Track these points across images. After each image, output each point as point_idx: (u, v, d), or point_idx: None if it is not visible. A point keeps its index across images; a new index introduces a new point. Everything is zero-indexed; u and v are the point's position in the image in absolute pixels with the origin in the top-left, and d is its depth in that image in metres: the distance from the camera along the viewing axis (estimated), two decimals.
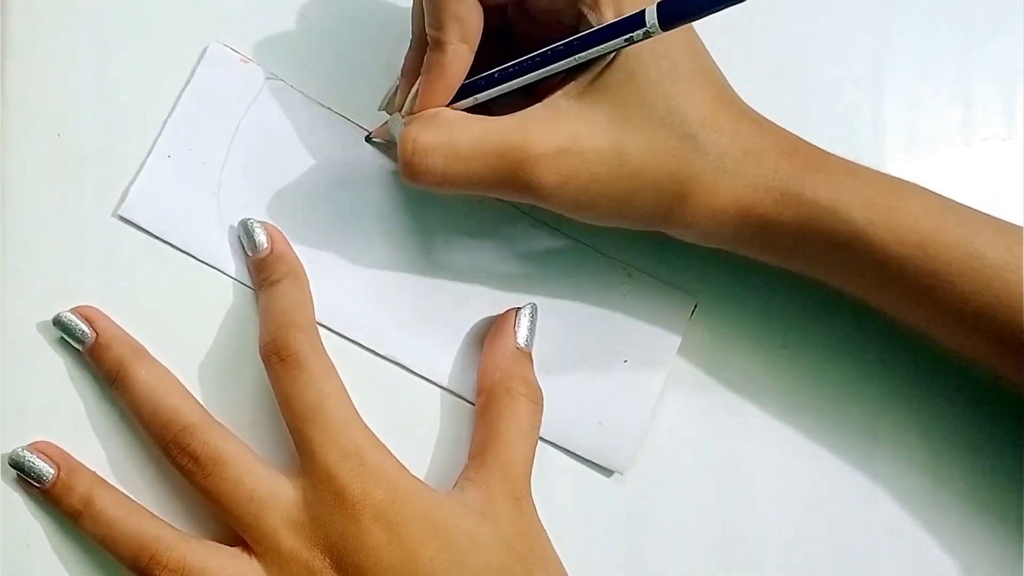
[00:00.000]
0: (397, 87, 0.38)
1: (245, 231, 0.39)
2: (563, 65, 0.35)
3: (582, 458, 0.40)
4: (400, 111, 0.38)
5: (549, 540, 0.37)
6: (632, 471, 0.41)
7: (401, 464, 0.36)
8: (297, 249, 0.39)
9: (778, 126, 0.37)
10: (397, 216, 0.40)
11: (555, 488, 0.39)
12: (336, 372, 0.37)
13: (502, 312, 0.40)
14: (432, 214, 0.41)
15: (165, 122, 0.39)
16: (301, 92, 0.40)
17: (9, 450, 0.37)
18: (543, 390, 0.39)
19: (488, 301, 0.41)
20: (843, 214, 0.35)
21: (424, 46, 0.37)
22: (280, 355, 0.36)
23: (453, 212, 0.41)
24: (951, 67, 0.45)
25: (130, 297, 0.39)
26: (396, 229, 0.40)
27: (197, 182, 0.39)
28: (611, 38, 0.34)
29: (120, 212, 0.39)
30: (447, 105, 0.37)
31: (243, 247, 0.39)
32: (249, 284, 0.39)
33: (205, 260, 0.39)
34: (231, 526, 0.36)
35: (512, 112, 0.36)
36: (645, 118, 0.35)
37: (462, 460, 0.39)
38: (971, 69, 0.45)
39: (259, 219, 0.39)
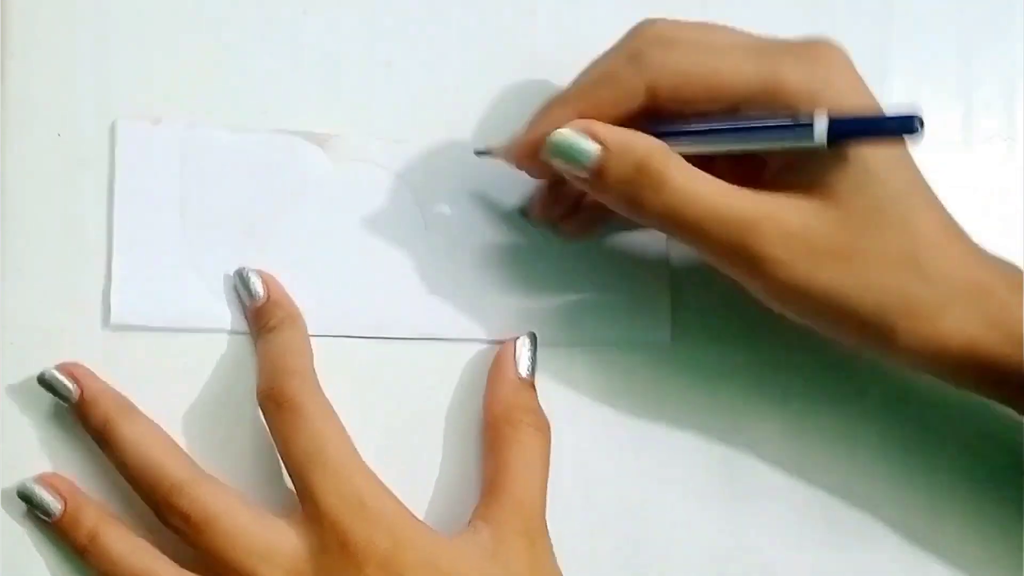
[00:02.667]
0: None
1: (241, 280, 0.39)
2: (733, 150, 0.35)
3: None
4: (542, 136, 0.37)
5: None
6: (632, 471, 0.41)
7: (405, 508, 0.36)
8: (290, 269, 0.39)
9: (1004, 259, 0.36)
10: (368, 204, 0.40)
11: (555, 488, 0.39)
12: (335, 416, 0.36)
13: (501, 346, 0.40)
14: (404, 191, 0.41)
15: (110, 217, 0.39)
16: (222, 127, 0.40)
17: (12, 446, 0.37)
18: (564, 306, 0.39)
19: (481, 256, 0.41)
20: None
21: (567, 107, 0.36)
22: (277, 401, 0.35)
23: (426, 184, 0.41)
24: (951, 67, 0.45)
25: None
26: (372, 217, 0.40)
27: (169, 260, 0.39)
28: (779, 138, 0.34)
29: (112, 324, 0.38)
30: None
31: (239, 297, 0.39)
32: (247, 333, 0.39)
33: (210, 328, 0.39)
34: None
35: None
36: (879, 227, 0.34)
37: (475, 456, 0.39)
38: (971, 69, 0.45)
39: (253, 268, 0.39)
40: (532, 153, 0.37)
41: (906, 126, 0.33)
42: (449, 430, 0.40)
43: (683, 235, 0.36)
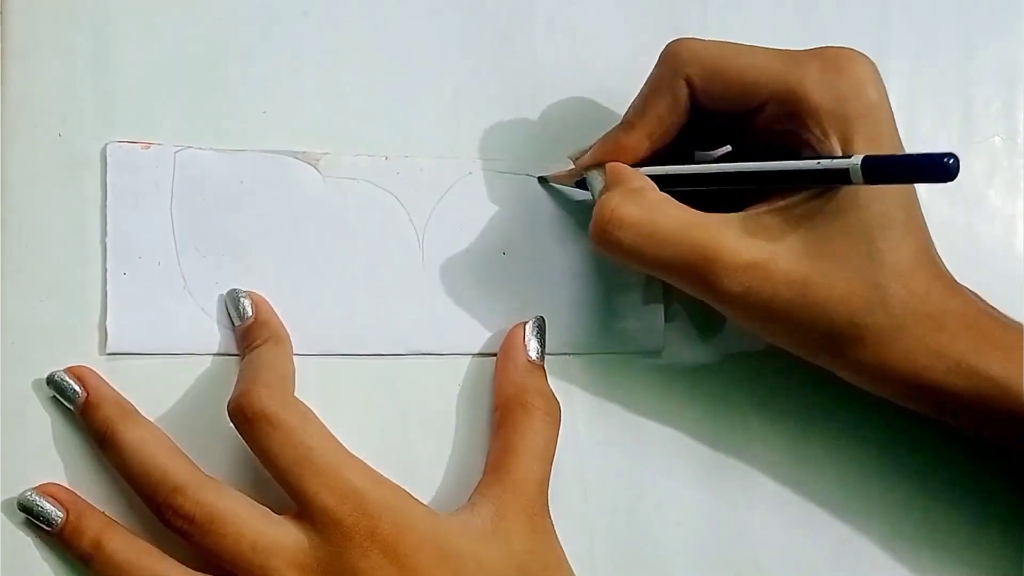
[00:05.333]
0: (591, 146, 0.39)
1: (231, 301, 0.39)
2: (758, 184, 0.36)
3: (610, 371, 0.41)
4: (586, 165, 0.39)
5: (564, 557, 0.37)
6: (631, 472, 0.41)
7: (403, 491, 0.36)
8: (284, 289, 0.39)
9: (968, 292, 0.37)
10: (361, 222, 0.40)
11: (555, 488, 0.39)
12: (314, 417, 0.36)
13: (510, 328, 0.40)
14: (397, 208, 0.41)
15: (103, 243, 0.39)
16: (212, 149, 0.40)
17: (14, 466, 0.37)
18: (559, 316, 0.40)
19: (477, 272, 0.41)
20: (1017, 392, 0.35)
21: (632, 131, 0.38)
22: (246, 415, 0.35)
23: (419, 201, 0.41)
24: (951, 67, 0.45)
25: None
26: (366, 236, 0.40)
27: (162, 284, 0.39)
28: (815, 180, 0.35)
29: (108, 350, 0.38)
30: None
31: (230, 317, 0.39)
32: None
33: (204, 352, 0.39)
34: None
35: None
36: (842, 258, 0.35)
37: (474, 470, 0.39)
38: (971, 69, 0.45)
39: (244, 289, 0.39)
40: None
41: (943, 171, 0.32)
42: (445, 445, 0.40)
43: (649, 270, 0.37)
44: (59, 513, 0.36)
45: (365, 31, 0.41)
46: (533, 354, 0.40)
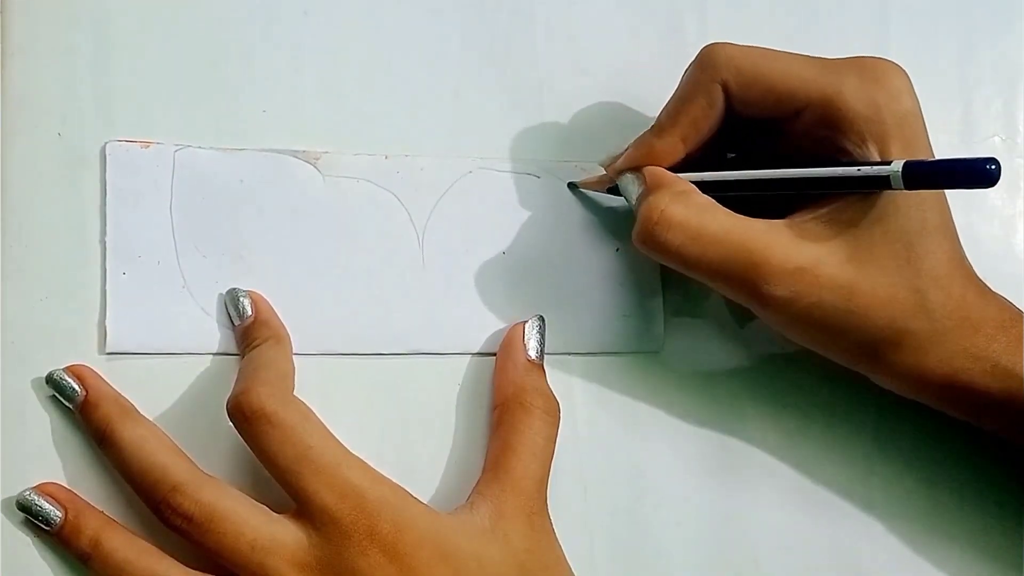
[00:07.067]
0: (624, 152, 0.39)
1: (231, 300, 0.39)
2: (797, 190, 0.36)
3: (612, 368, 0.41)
4: (619, 170, 0.39)
5: (563, 556, 0.37)
6: (631, 472, 0.41)
7: (402, 490, 0.36)
8: (283, 288, 0.39)
9: (1001, 297, 0.38)
10: (361, 221, 0.40)
11: (555, 488, 0.39)
12: (313, 416, 0.36)
13: (509, 327, 0.40)
14: (397, 207, 0.41)
15: (103, 242, 0.39)
16: (212, 148, 0.40)
17: (14, 468, 0.37)
18: (559, 316, 0.40)
19: (477, 271, 0.41)
20: None
21: (664, 135, 0.38)
22: (245, 413, 0.35)
23: (419, 201, 0.41)
24: (951, 67, 0.45)
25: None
26: (365, 235, 0.40)
27: (162, 284, 0.39)
28: (854, 186, 0.35)
29: (107, 350, 0.38)
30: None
31: (229, 317, 0.39)
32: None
33: (204, 352, 0.39)
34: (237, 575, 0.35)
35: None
36: (885, 263, 0.36)
37: (473, 469, 0.39)
38: (971, 69, 0.45)
39: (244, 288, 0.39)
40: None
41: (984, 176, 0.32)
42: (444, 444, 0.40)
43: (695, 273, 0.37)
44: (58, 512, 0.36)
45: (365, 31, 0.41)
46: (532, 353, 0.40)
